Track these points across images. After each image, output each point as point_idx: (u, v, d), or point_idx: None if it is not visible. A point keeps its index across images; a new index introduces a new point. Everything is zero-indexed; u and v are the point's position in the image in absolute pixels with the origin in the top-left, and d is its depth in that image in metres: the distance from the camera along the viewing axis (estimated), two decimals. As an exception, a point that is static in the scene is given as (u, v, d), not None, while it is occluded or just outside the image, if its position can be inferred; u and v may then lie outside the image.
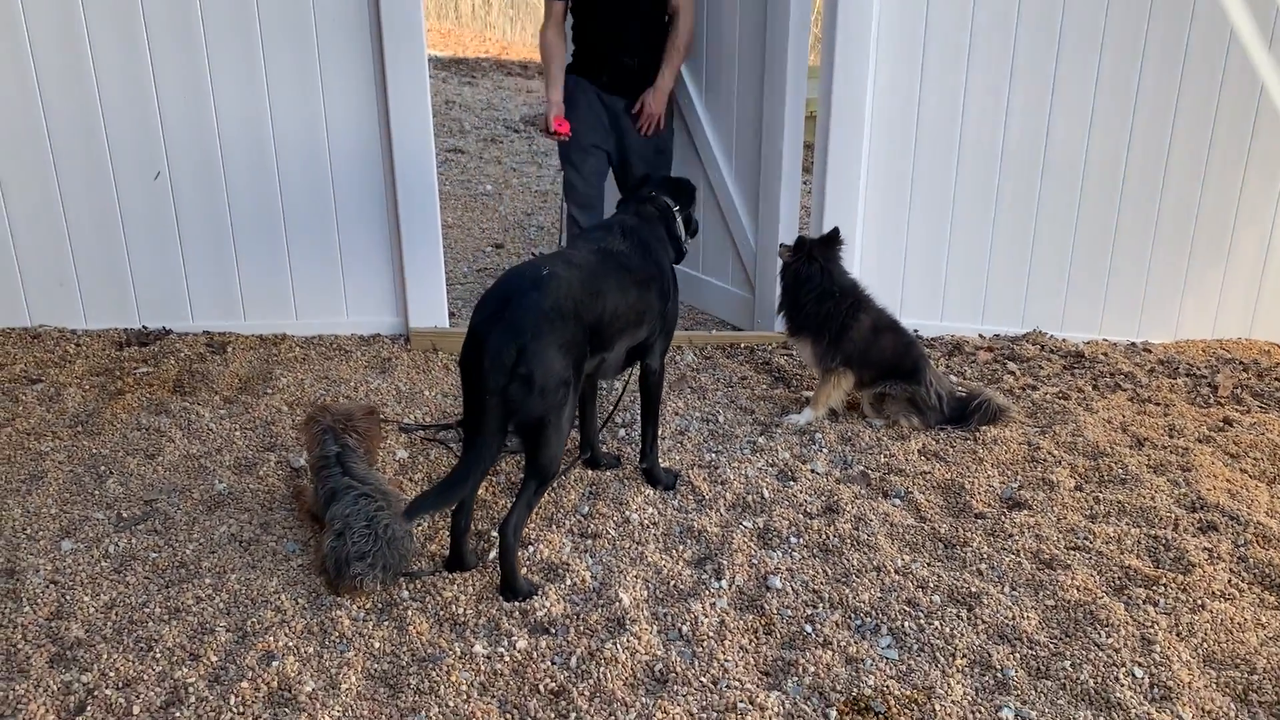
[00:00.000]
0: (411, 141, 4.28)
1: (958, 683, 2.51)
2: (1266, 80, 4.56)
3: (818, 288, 3.88)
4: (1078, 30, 4.41)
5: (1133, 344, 4.90)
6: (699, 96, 4.88)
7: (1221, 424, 4.05)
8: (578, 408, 3.09)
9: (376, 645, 2.60)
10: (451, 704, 2.39)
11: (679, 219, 3.51)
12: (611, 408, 3.87)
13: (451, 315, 4.69)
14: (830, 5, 4.26)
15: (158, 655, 2.53)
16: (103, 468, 3.42)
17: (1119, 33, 4.42)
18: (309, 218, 4.41)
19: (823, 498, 3.36)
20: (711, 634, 2.67)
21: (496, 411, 2.68)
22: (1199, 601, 2.85)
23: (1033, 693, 2.49)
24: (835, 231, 3.95)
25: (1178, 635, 2.71)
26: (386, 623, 2.69)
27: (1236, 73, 4.52)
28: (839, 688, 2.48)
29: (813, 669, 2.54)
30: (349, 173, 4.36)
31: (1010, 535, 3.16)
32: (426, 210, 4.40)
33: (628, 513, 3.23)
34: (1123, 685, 2.50)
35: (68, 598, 2.75)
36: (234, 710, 2.35)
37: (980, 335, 4.84)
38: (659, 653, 2.59)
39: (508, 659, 2.55)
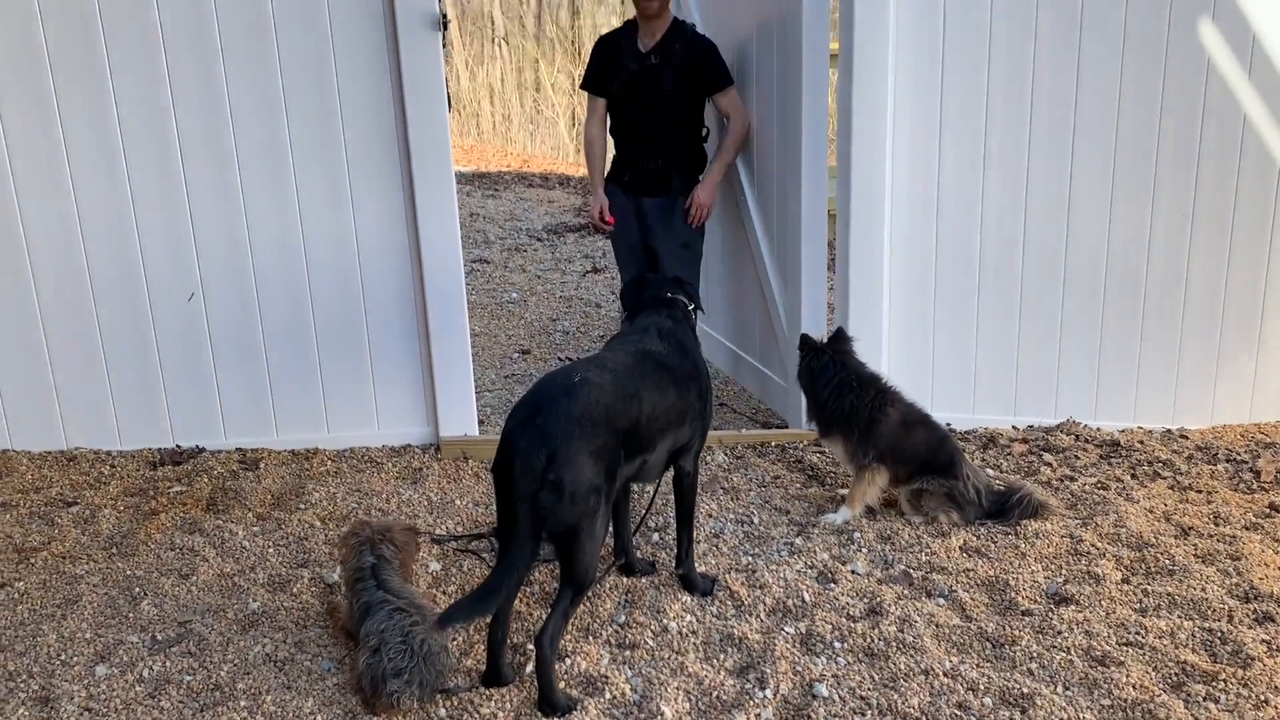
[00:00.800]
0: (440, 254, 4.36)
1: (1017, 791, 2.41)
2: (1283, 165, 4.60)
3: (834, 380, 3.87)
4: (1091, 123, 4.47)
5: (1169, 431, 4.83)
6: (750, 188, 5.05)
7: (1267, 510, 3.96)
8: (611, 514, 3.07)
9: (415, 766, 2.53)
10: (493, 827, 2.32)
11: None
12: (644, 512, 3.83)
13: (481, 423, 4.70)
14: (844, 107, 4.35)
15: (193, 783, 2.48)
16: (137, 589, 3.41)
17: (1133, 124, 4.48)
18: (340, 331, 4.47)
19: (865, 599, 3.30)
20: (758, 745, 2.59)
21: (528, 519, 2.67)
22: (1262, 696, 2.75)
23: (1096, 800, 2.39)
24: (840, 330, 4.03)
25: (1243, 734, 2.61)
26: (424, 742, 2.63)
27: (1253, 160, 4.56)
28: (893, 800, 2.39)
29: (865, 780, 2.45)
30: (379, 286, 4.44)
31: (1059, 632, 3.08)
32: (455, 320, 4.45)
33: (665, 621, 3.17)
34: (1190, 789, 2.40)
35: (102, 725, 2.72)
36: (271, 839, 2.29)
37: (1014, 427, 4.79)
38: (705, 767, 2.51)
39: (549, 778, 2.48)
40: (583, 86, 5.07)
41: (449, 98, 4.28)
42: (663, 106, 4.82)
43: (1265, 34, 4.45)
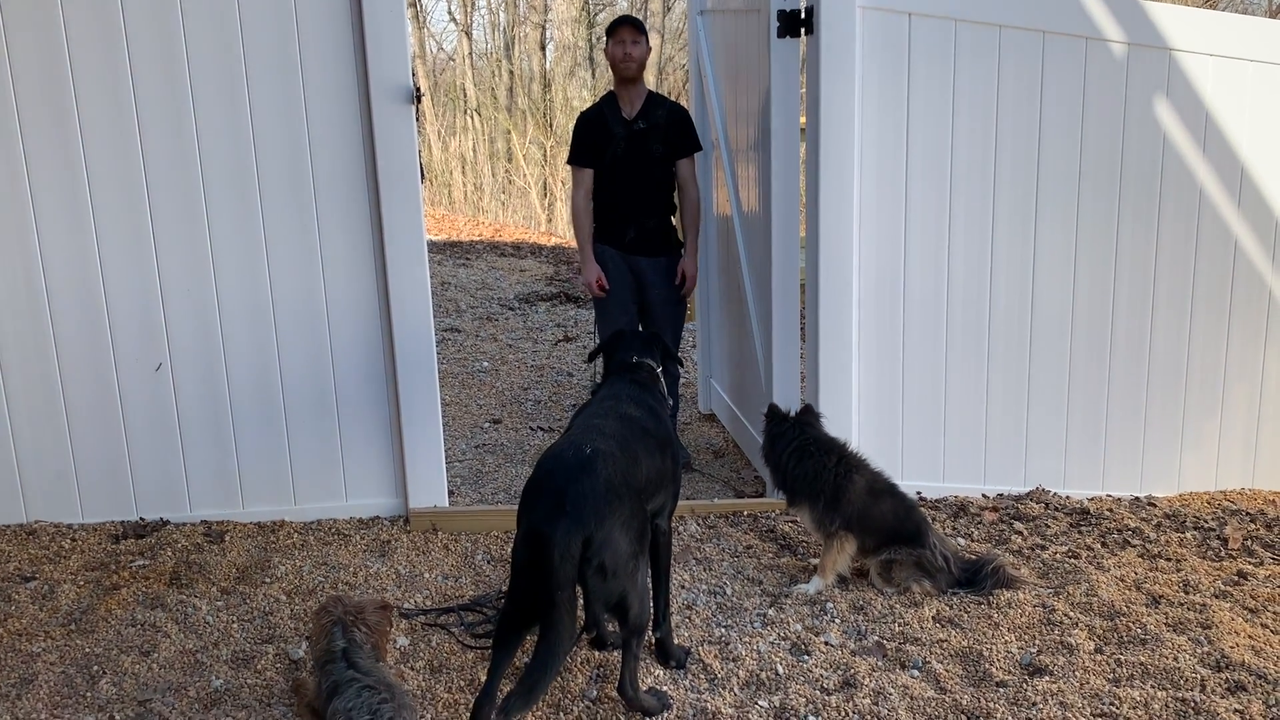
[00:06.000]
0: (412, 323, 4.35)
1: None
2: (1239, 237, 4.72)
3: (792, 443, 3.92)
4: (1054, 198, 4.57)
5: (1137, 498, 4.87)
6: (744, 251, 5.16)
7: (1236, 577, 3.98)
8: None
9: None
10: None
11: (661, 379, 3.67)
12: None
13: (451, 494, 4.66)
14: (812, 179, 4.42)
15: None
16: (96, 667, 3.32)
17: (1094, 196, 4.60)
18: (309, 402, 4.44)
19: (839, 671, 3.27)
20: (733, 825, 2.54)
21: (568, 603, 2.70)
22: (1237, 769, 2.74)
23: None
24: (807, 406, 4.11)
25: (1220, 807, 2.59)
26: (391, 825, 2.56)
27: (1210, 235, 4.69)
28: None
29: None
30: (349, 355, 4.42)
31: (1034, 704, 3.06)
32: (426, 390, 4.43)
33: (638, 695, 3.12)
34: None
35: (55, 811, 2.63)
36: None
37: (984, 495, 4.81)
38: None
39: None
40: (570, 161, 5.27)
41: (421, 168, 4.32)
42: (654, 168, 5.12)
43: (1217, 109, 4.60)
